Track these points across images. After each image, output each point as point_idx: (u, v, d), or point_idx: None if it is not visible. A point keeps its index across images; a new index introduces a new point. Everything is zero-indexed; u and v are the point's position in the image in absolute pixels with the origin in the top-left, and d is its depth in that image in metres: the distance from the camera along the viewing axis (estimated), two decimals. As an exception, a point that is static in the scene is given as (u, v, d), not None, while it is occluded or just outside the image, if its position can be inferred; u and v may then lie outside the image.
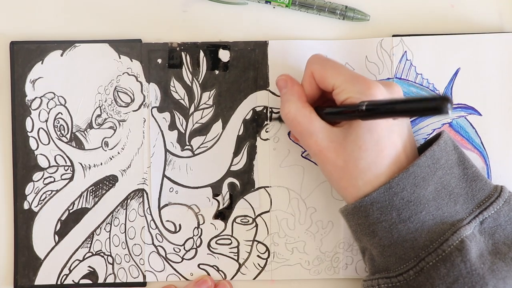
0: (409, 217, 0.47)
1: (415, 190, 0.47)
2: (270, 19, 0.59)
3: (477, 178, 0.50)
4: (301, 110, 0.51)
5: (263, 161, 0.58)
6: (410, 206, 0.47)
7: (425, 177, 0.48)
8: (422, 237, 0.47)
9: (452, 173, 0.49)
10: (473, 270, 0.46)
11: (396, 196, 0.47)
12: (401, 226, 0.48)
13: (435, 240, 0.47)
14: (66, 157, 0.58)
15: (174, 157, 0.58)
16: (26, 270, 0.57)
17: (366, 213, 0.48)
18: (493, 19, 0.58)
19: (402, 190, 0.47)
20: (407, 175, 0.47)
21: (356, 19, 0.58)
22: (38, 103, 0.58)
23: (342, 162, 0.48)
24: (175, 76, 0.58)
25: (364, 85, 0.48)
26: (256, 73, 0.58)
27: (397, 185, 0.47)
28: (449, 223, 0.48)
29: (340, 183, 0.50)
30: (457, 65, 0.57)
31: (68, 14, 0.58)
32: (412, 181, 0.47)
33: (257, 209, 0.58)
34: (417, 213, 0.47)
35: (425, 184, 0.48)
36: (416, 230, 0.48)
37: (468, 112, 0.57)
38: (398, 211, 0.47)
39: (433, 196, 0.48)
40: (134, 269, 0.58)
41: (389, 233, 0.48)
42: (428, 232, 0.47)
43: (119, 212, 0.58)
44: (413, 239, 0.48)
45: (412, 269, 0.48)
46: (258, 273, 0.58)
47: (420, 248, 0.47)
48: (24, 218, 0.57)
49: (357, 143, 0.48)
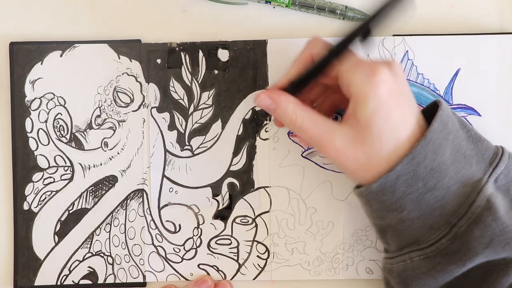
0: (435, 185, 0.47)
1: (435, 157, 0.47)
2: (270, 19, 0.58)
3: (480, 139, 0.50)
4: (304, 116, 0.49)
5: (262, 161, 0.58)
6: (434, 174, 0.47)
7: (441, 142, 0.47)
8: (449, 203, 0.47)
9: (460, 136, 0.49)
10: (505, 227, 0.46)
11: (419, 166, 0.47)
12: (428, 195, 0.47)
13: (462, 203, 0.47)
14: (66, 157, 0.58)
15: (173, 157, 0.58)
16: (26, 270, 0.57)
17: (393, 188, 0.47)
18: (493, 20, 0.58)
19: (424, 158, 0.47)
20: (425, 142, 0.47)
21: (356, 19, 0.57)
22: (38, 103, 0.58)
23: (364, 158, 0.48)
24: (175, 76, 0.58)
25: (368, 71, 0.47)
26: (255, 73, 0.58)
27: (419, 154, 0.47)
28: (471, 185, 0.48)
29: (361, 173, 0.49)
30: (458, 65, 0.57)
31: (68, 15, 0.58)
32: (431, 147, 0.47)
33: (256, 209, 0.58)
34: (441, 179, 0.47)
35: (442, 149, 0.47)
36: (443, 197, 0.47)
37: (468, 113, 0.57)
38: (424, 180, 0.47)
39: (451, 161, 0.48)
40: (134, 269, 0.58)
41: (417, 205, 0.47)
42: (454, 197, 0.47)
43: (119, 213, 0.58)
44: (441, 207, 0.47)
45: (445, 236, 0.47)
46: (258, 274, 0.58)
47: (449, 215, 0.47)
48: (24, 219, 0.57)
49: (376, 134, 0.47)
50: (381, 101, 0.46)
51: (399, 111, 0.47)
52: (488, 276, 0.47)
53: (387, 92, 0.47)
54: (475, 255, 0.46)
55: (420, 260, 0.48)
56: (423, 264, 0.48)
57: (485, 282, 0.47)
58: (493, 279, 0.47)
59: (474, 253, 0.46)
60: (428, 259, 0.48)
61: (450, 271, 0.47)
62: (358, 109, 0.47)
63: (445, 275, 0.47)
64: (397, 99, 0.47)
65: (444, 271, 0.47)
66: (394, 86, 0.47)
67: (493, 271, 0.47)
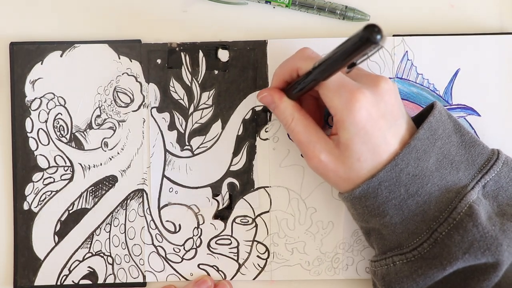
0: (417, 190, 0.48)
1: (418, 163, 0.48)
2: (270, 19, 0.58)
3: (475, 144, 0.50)
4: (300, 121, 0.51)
5: (262, 161, 0.58)
6: (417, 180, 0.48)
7: (426, 149, 0.48)
8: (431, 208, 0.48)
9: (450, 142, 0.50)
10: (485, 233, 0.47)
11: (402, 172, 0.48)
12: (410, 201, 0.48)
13: (444, 209, 0.48)
14: (66, 157, 0.58)
15: (173, 157, 0.58)
16: (25, 270, 0.57)
17: (375, 193, 0.49)
18: (493, 20, 0.58)
19: (407, 165, 0.48)
20: (409, 150, 0.48)
21: (356, 19, 0.57)
22: (38, 103, 0.58)
23: (344, 174, 0.49)
24: (175, 76, 0.58)
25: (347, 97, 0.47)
26: (255, 73, 0.58)
27: (402, 161, 0.48)
28: (455, 191, 0.48)
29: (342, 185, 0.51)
30: (457, 66, 0.57)
31: (68, 15, 0.58)
32: (414, 155, 0.48)
33: (256, 209, 0.58)
34: (424, 185, 0.48)
35: (426, 156, 0.48)
36: (425, 202, 0.48)
37: (468, 113, 0.57)
38: (406, 186, 0.48)
39: (436, 167, 0.49)
40: (134, 269, 0.58)
41: (399, 210, 0.49)
42: (436, 202, 0.48)
43: (119, 213, 0.58)
44: (423, 212, 0.48)
45: (426, 241, 0.48)
46: (258, 274, 0.58)
47: (431, 220, 0.48)
48: (24, 219, 0.57)
49: (354, 156, 0.48)
50: (359, 126, 0.47)
51: (379, 134, 0.48)
52: (469, 280, 0.48)
53: (366, 117, 0.47)
54: (455, 259, 0.47)
55: (402, 264, 0.49)
56: (405, 268, 0.49)
57: (467, 286, 0.48)
58: (474, 283, 0.47)
59: (454, 258, 0.47)
60: (410, 263, 0.49)
61: (431, 275, 0.48)
62: (339, 131, 0.49)
63: (426, 279, 0.48)
64: (377, 123, 0.48)
65: (425, 275, 0.48)
66: (374, 110, 0.48)
67: (474, 275, 0.48)
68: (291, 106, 0.51)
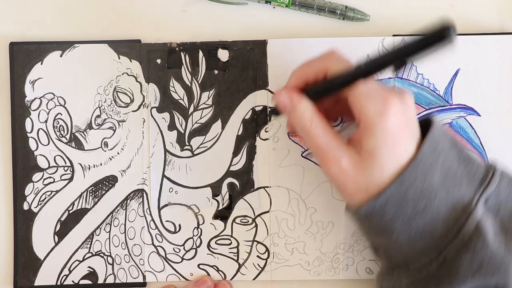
0: (425, 207, 0.47)
1: (425, 178, 0.47)
2: (270, 19, 0.58)
3: (471, 159, 0.49)
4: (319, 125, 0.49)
5: (262, 161, 0.58)
6: (424, 196, 0.46)
7: (432, 163, 0.47)
8: (438, 227, 0.47)
9: (451, 156, 0.48)
10: (494, 254, 0.46)
11: (409, 189, 0.46)
12: (417, 218, 0.47)
13: (452, 227, 0.47)
14: (66, 157, 0.58)
15: (173, 157, 0.58)
16: (25, 270, 0.57)
17: (382, 212, 0.47)
18: (493, 20, 0.58)
19: (414, 181, 0.46)
20: (416, 164, 0.46)
21: (356, 19, 0.57)
22: (38, 103, 0.58)
23: (364, 183, 0.47)
24: (175, 76, 0.58)
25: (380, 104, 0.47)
26: (255, 73, 0.58)
27: (409, 176, 0.46)
28: (461, 207, 0.47)
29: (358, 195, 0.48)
30: (457, 65, 0.57)
31: (68, 15, 0.58)
32: (421, 170, 0.47)
33: (256, 209, 0.58)
34: (431, 201, 0.47)
35: (432, 170, 0.47)
36: (433, 220, 0.47)
37: (468, 113, 0.57)
38: (414, 203, 0.46)
39: (441, 182, 0.47)
40: (134, 269, 0.58)
41: (407, 227, 0.47)
42: (444, 220, 0.47)
43: (119, 213, 0.58)
44: (431, 230, 0.47)
45: (434, 261, 0.47)
46: (258, 274, 0.58)
47: (438, 239, 0.47)
48: (24, 219, 0.57)
49: (378, 164, 0.47)
50: (388, 133, 0.46)
51: (403, 143, 0.47)
52: None
53: (396, 124, 0.46)
54: (464, 281, 0.46)
55: (409, 282, 0.48)
56: (413, 286, 0.48)
57: None
58: None
59: (463, 278, 0.46)
60: (417, 282, 0.48)
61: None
62: (365, 136, 0.47)
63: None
64: (404, 132, 0.47)
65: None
66: (403, 118, 0.47)
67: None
68: (310, 109, 0.49)
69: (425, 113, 0.57)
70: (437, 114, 0.57)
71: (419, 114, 0.57)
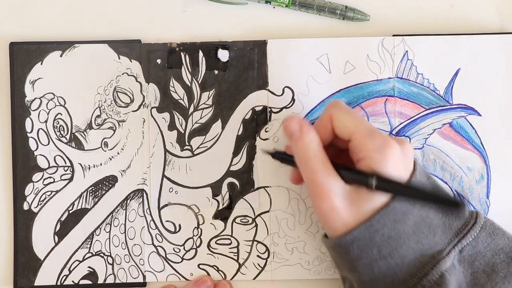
0: (390, 252, 0.47)
1: (395, 225, 0.47)
2: (270, 19, 0.58)
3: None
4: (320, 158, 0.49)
5: (262, 161, 0.58)
6: (391, 242, 0.47)
7: (405, 211, 0.48)
8: (402, 272, 0.47)
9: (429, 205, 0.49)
10: None
11: (377, 233, 0.47)
12: (381, 262, 0.47)
13: (415, 274, 0.47)
14: (66, 157, 0.58)
15: (173, 157, 0.58)
16: (26, 270, 0.57)
17: (346, 250, 0.48)
18: (493, 19, 0.58)
19: (383, 226, 0.47)
20: (387, 211, 0.47)
21: (356, 19, 0.57)
22: (38, 103, 0.58)
23: (352, 220, 0.47)
24: (175, 76, 0.58)
25: (381, 142, 0.47)
26: (255, 73, 0.58)
27: (378, 222, 0.47)
28: (429, 256, 0.48)
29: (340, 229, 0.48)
30: (458, 65, 0.57)
31: (68, 15, 0.58)
32: (392, 217, 0.47)
33: (256, 209, 0.58)
34: (398, 248, 0.47)
35: (405, 218, 0.47)
36: (397, 265, 0.47)
37: (468, 113, 0.57)
38: (379, 247, 0.47)
39: (413, 230, 0.48)
40: (134, 269, 0.58)
41: (369, 269, 0.48)
42: (408, 266, 0.47)
43: (119, 213, 0.58)
44: (393, 274, 0.48)
45: None
46: (258, 273, 0.58)
47: (400, 283, 0.47)
48: (24, 219, 0.57)
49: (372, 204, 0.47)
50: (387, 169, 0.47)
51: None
52: None
53: (394, 165, 0.47)
54: None
55: None
56: None
57: None
58: None
59: None
60: None
61: None
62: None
63: None
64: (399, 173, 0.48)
65: None
66: (400, 163, 0.48)
67: None
68: (317, 141, 0.49)
69: (424, 113, 0.57)
70: (437, 114, 0.57)
71: (419, 114, 0.57)
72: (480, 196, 0.57)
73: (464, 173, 0.57)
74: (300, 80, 0.57)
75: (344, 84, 0.58)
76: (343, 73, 0.57)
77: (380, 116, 0.57)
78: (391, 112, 0.57)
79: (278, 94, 0.58)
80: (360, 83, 0.58)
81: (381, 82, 0.57)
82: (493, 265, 0.49)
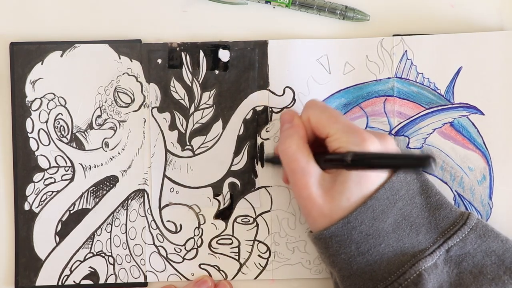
0: (368, 250, 0.48)
1: (373, 223, 0.48)
2: (270, 19, 0.59)
3: (441, 206, 0.50)
4: (301, 149, 0.50)
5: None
6: (369, 239, 0.48)
7: (384, 209, 0.48)
8: (381, 269, 0.48)
9: (413, 203, 0.49)
10: None
11: (354, 230, 0.48)
12: (360, 258, 0.48)
13: (394, 272, 0.48)
14: (67, 157, 0.58)
15: (174, 157, 0.58)
16: (27, 271, 0.57)
17: (326, 245, 0.49)
18: (493, 19, 0.58)
19: (360, 224, 0.48)
20: (365, 209, 0.48)
21: (356, 19, 0.58)
22: (38, 104, 0.58)
23: (328, 211, 0.48)
24: (175, 76, 0.58)
25: (358, 137, 0.48)
26: (256, 73, 0.58)
27: (355, 219, 0.48)
28: (410, 254, 0.48)
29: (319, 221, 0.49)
30: (459, 64, 0.57)
31: (68, 15, 0.58)
32: (370, 214, 0.48)
33: (257, 209, 0.58)
34: (376, 245, 0.48)
35: (384, 216, 0.48)
36: (375, 262, 0.48)
37: (470, 112, 0.57)
38: (357, 244, 0.48)
39: (393, 228, 0.48)
40: (135, 269, 0.58)
41: (348, 265, 0.49)
42: (388, 264, 0.48)
43: (120, 213, 0.58)
44: (371, 271, 0.48)
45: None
46: (259, 273, 0.58)
47: (378, 280, 0.48)
48: (25, 219, 0.57)
49: (346, 194, 0.48)
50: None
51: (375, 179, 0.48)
52: None
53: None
54: None
55: None
56: None
57: None
58: None
59: None
60: None
61: None
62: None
63: None
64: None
65: None
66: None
67: None
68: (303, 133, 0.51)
69: (424, 112, 0.57)
70: (438, 113, 0.57)
71: (419, 114, 0.57)
72: (483, 197, 0.57)
73: (464, 173, 0.57)
74: (300, 80, 0.58)
75: (344, 84, 0.58)
76: (343, 73, 0.58)
77: (380, 116, 0.58)
78: (390, 112, 0.58)
79: (279, 94, 0.58)
80: (359, 84, 0.58)
81: (380, 82, 0.57)
82: (482, 267, 0.49)
